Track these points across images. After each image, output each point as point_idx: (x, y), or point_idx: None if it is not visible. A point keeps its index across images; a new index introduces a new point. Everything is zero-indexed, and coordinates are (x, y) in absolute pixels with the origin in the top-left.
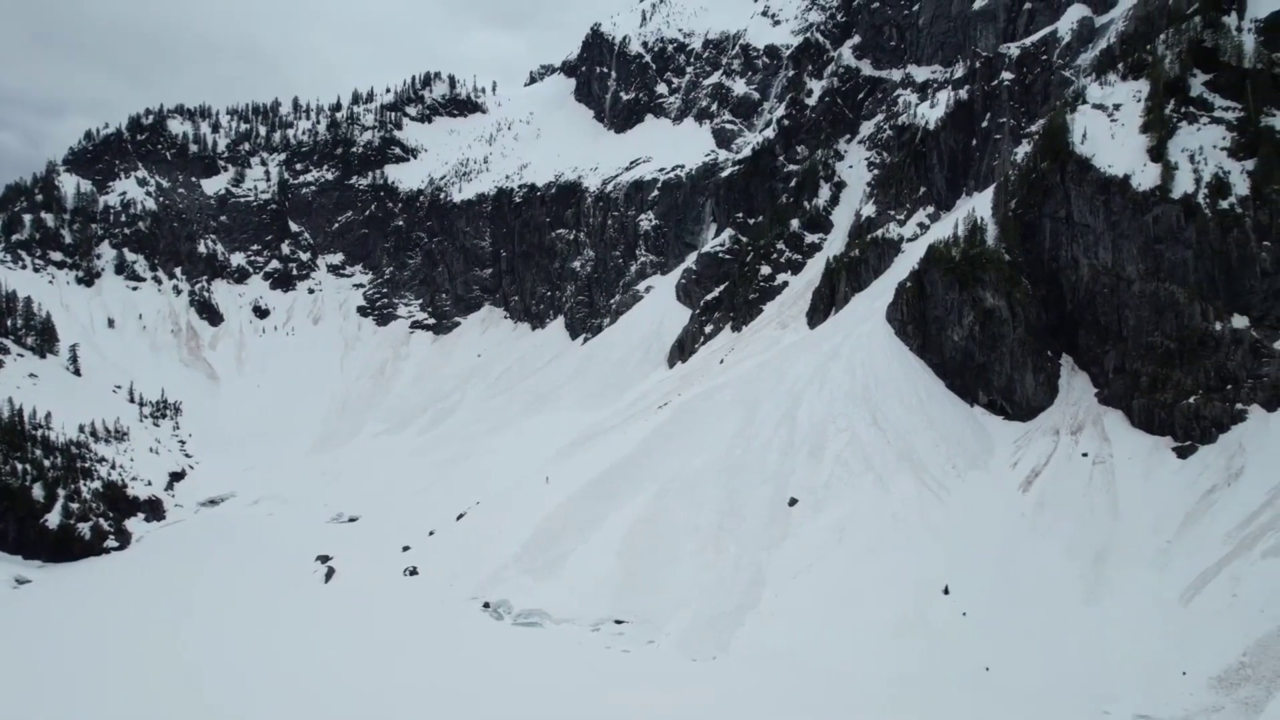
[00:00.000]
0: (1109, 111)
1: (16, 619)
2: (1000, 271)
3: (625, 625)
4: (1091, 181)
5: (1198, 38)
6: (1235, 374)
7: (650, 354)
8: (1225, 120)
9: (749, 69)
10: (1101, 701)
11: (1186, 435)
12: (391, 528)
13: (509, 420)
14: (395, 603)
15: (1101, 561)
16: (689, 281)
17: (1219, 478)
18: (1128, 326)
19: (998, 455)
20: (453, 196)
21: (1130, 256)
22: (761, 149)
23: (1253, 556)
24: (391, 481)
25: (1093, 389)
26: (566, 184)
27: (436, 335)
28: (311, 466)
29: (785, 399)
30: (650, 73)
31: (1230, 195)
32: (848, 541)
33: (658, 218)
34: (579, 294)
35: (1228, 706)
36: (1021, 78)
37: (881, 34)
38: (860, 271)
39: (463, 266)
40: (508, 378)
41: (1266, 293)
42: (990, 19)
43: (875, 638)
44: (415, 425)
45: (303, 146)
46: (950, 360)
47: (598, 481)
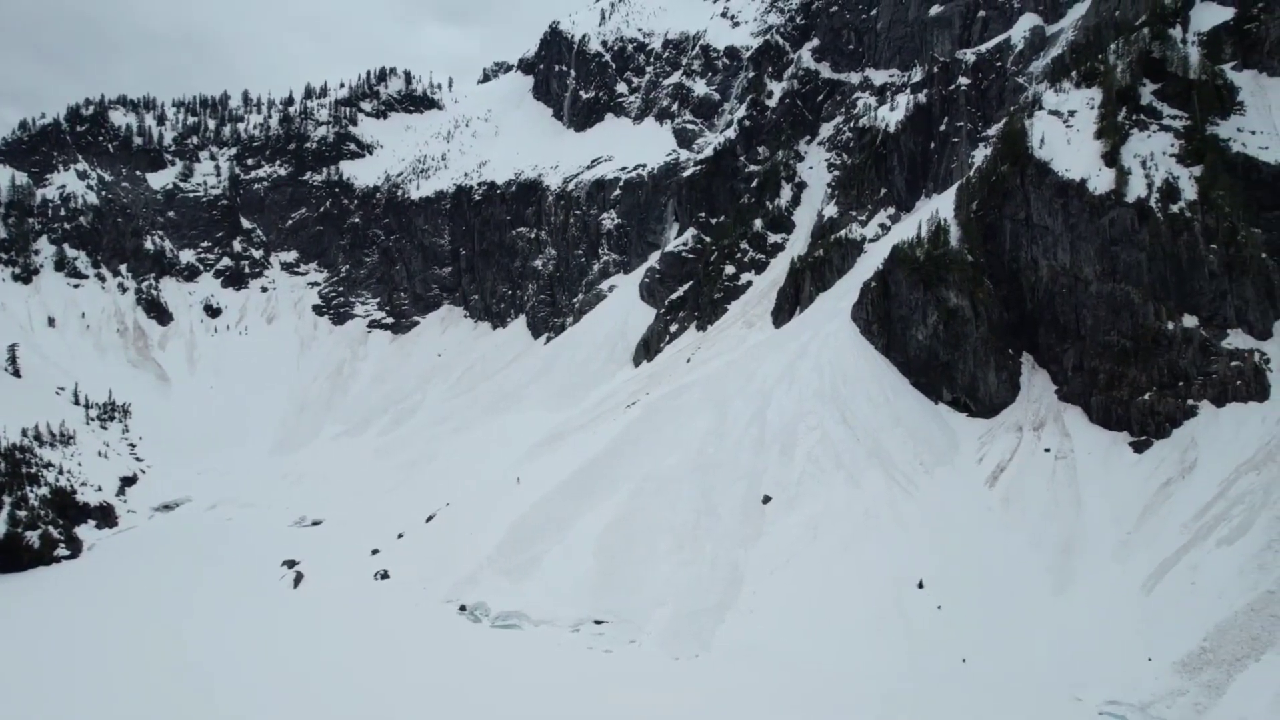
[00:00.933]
0: (1064, 118)
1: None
2: (963, 272)
3: (605, 625)
4: (1050, 185)
5: (1146, 49)
6: (1186, 371)
7: (615, 353)
8: (1173, 128)
9: (709, 70)
10: (1073, 689)
11: (1142, 430)
12: (358, 531)
13: (473, 420)
14: (369, 607)
15: (1067, 553)
16: (653, 281)
17: (1174, 471)
18: (1085, 325)
19: (963, 452)
20: (410, 194)
21: (1087, 258)
22: (723, 149)
23: (1208, 545)
24: (355, 484)
25: (1053, 386)
26: (527, 182)
27: (395, 334)
28: (270, 469)
29: (755, 397)
30: (610, 72)
31: (1180, 200)
32: (822, 538)
33: (620, 217)
34: (541, 293)
35: (1191, 690)
36: (977, 83)
37: (840, 37)
38: (824, 271)
39: (421, 265)
40: (469, 377)
41: (1214, 294)
42: (946, 25)
43: (855, 632)
44: (376, 426)
45: (254, 141)
46: (915, 359)
47: (570, 481)
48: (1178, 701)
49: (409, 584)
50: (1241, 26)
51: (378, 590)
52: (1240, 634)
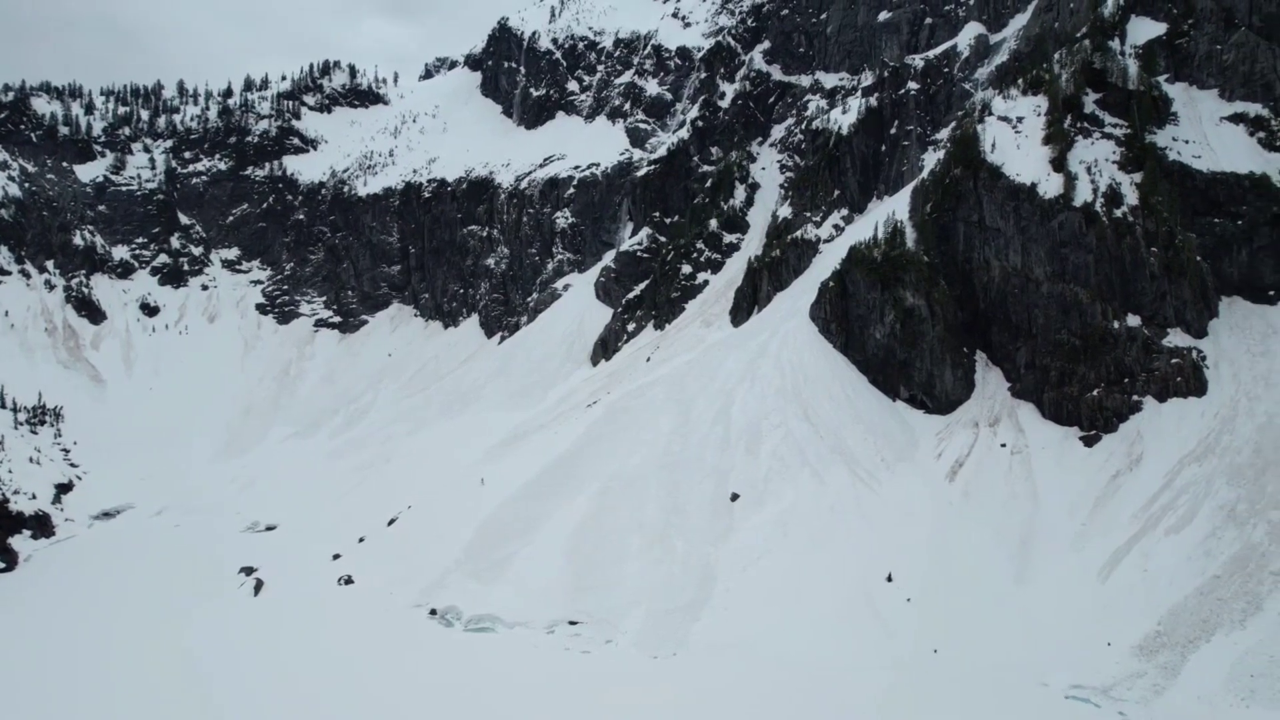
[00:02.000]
0: (1013, 124)
1: None
2: (920, 272)
3: (580, 626)
4: (1002, 189)
5: (1088, 60)
6: (1131, 368)
7: (573, 352)
8: (1114, 136)
9: (661, 69)
10: (1040, 675)
11: (1091, 425)
12: (316, 535)
13: (428, 421)
14: (336, 614)
15: (1026, 544)
16: (608, 280)
17: (1122, 464)
18: (1037, 325)
19: (922, 448)
20: (357, 190)
21: (1038, 259)
22: (676, 149)
23: (1158, 534)
24: (308, 487)
25: (1006, 383)
26: (478, 180)
27: (343, 334)
28: (218, 473)
29: (718, 396)
30: (561, 70)
31: (1122, 205)
32: (792, 534)
33: (574, 216)
34: (494, 292)
35: (1149, 671)
36: (926, 88)
37: (791, 40)
38: (781, 271)
39: (369, 263)
40: (422, 377)
41: (1155, 294)
42: (894, 31)
43: (829, 626)
44: (327, 428)
45: (191, 134)
46: (873, 357)
47: (536, 481)
48: (1137, 683)
49: (375, 589)
50: (1173, 41)
51: (343, 596)
52: (1191, 617)
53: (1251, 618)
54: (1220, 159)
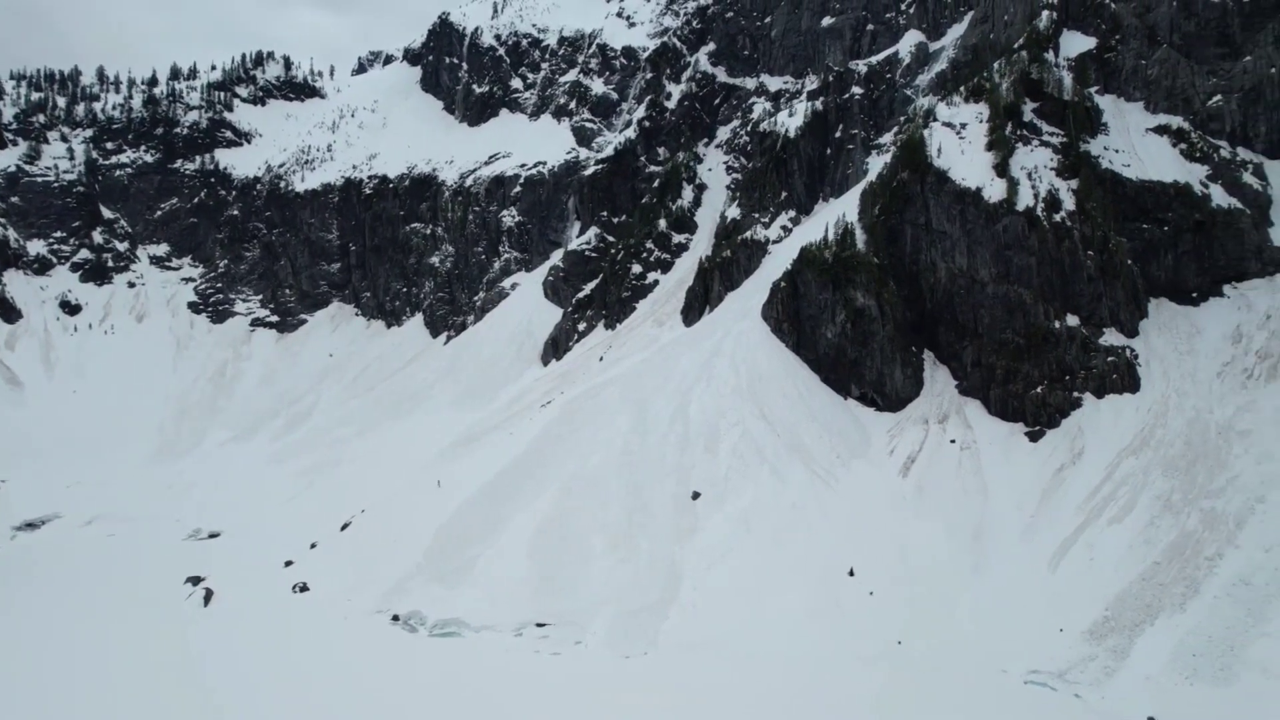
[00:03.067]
0: (957, 130)
1: None
2: (870, 273)
3: (548, 628)
4: (948, 193)
5: (1026, 70)
6: (1071, 366)
7: (523, 352)
8: (1051, 144)
9: (607, 69)
10: (999, 662)
11: (1036, 421)
12: (264, 542)
13: (376, 422)
14: (293, 622)
15: (979, 537)
16: (557, 279)
17: (1065, 458)
18: (983, 324)
19: (875, 444)
20: (295, 186)
21: (984, 261)
22: (623, 149)
23: (1101, 524)
24: (252, 492)
25: (953, 381)
26: (421, 176)
27: (281, 334)
28: (153, 479)
29: (675, 395)
30: (504, 67)
31: (1061, 210)
32: (754, 531)
33: (521, 214)
34: (439, 291)
35: (1100, 655)
36: (869, 93)
37: (735, 43)
38: (732, 271)
39: (308, 260)
40: (367, 378)
41: (1092, 295)
42: (838, 36)
43: (795, 622)
44: (268, 430)
45: (114, 123)
46: (824, 356)
47: (495, 483)
48: (1089, 666)
49: (332, 595)
50: (1102, 55)
51: (299, 604)
52: (1136, 602)
53: (1190, 601)
54: (1147, 168)
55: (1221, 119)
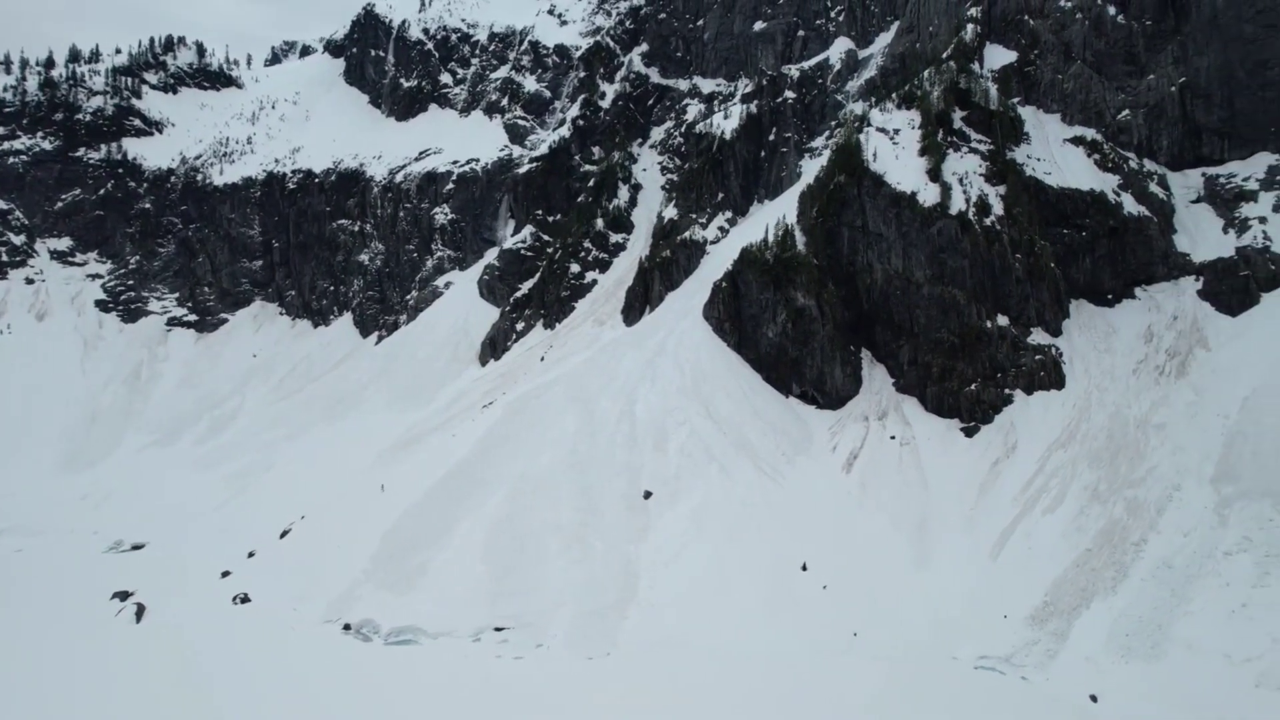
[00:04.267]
0: (890, 135)
1: None
2: (810, 274)
3: (507, 631)
4: (884, 196)
5: (954, 80)
6: (1002, 364)
7: (460, 352)
8: (980, 151)
9: (539, 66)
10: (949, 649)
11: (971, 417)
12: (194, 552)
13: (309, 425)
14: (237, 636)
15: (923, 530)
16: (492, 278)
17: (1000, 452)
18: (919, 324)
19: (817, 441)
20: (213, 179)
21: (919, 263)
22: (558, 147)
23: (1036, 515)
24: (177, 500)
25: (891, 379)
26: (348, 172)
27: (200, 333)
28: (62, 489)
29: (621, 395)
30: (433, 61)
31: (990, 215)
32: (706, 529)
33: (453, 212)
34: (369, 289)
35: (1042, 639)
36: (802, 98)
37: (668, 44)
38: (672, 271)
39: (228, 257)
40: (295, 379)
41: (1020, 296)
42: (769, 41)
43: (753, 617)
44: (190, 435)
45: (6, 106)
46: (765, 355)
47: (441, 485)
48: (1033, 650)
49: (276, 606)
50: (1023, 68)
51: (241, 616)
52: (1072, 587)
53: (1120, 584)
54: (1066, 176)
55: (1130, 132)
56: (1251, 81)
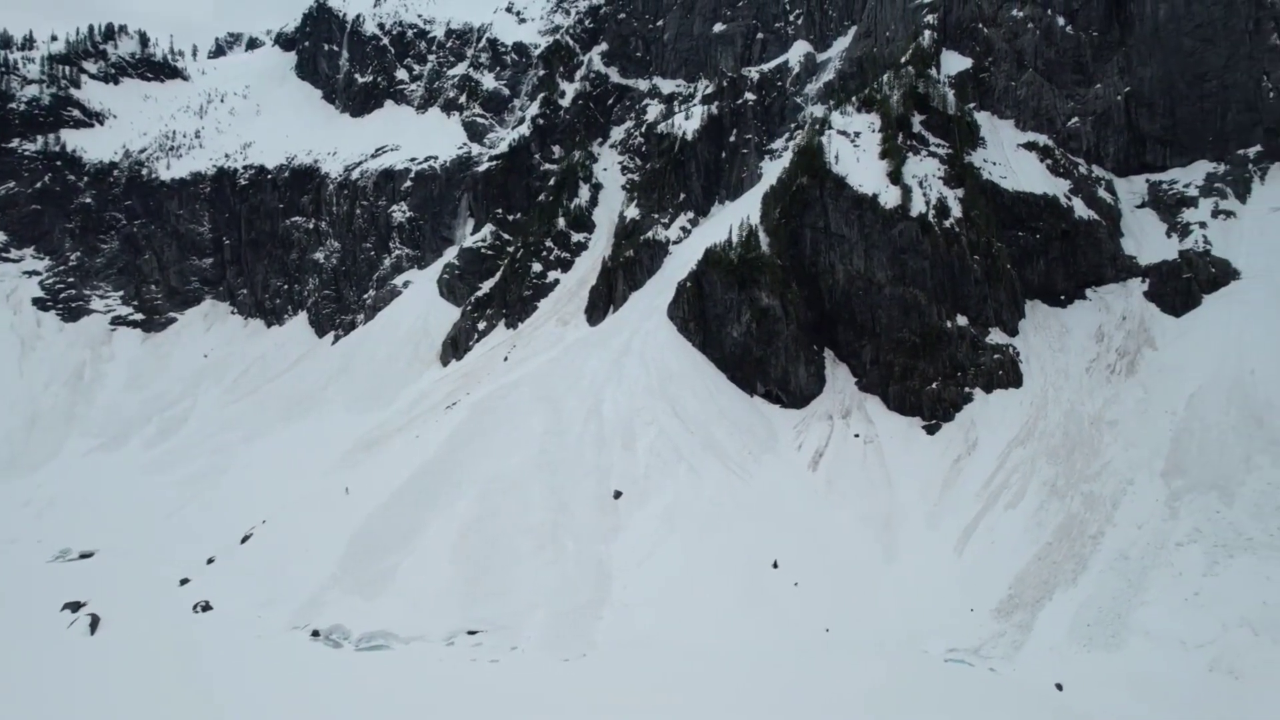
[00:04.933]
0: (851, 138)
1: None
2: (774, 274)
3: (481, 634)
4: (847, 198)
5: (913, 85)
6: (962, 363)
7: (420, 352)
8: (938, 155)
9: (498, 64)
10: (919, 643)
11: (932, 415)
12: (149, 560)
13: (264, 428)
14: (200, 645)
15: (889, 526)
16: (453, 277)
17: (961, 449)
18: (881, 324)
19: (783, 440)
20: (159, 173)
21: (880, 264)
22: (518, 146)
23: (998, 510)
24: (127, 506)
25: (853, 378)
26: (302, 168)
27: (147, 333)
28: (3, 495)
29: (587, 395)
30: (389, 57)
31: (949, 217)
32: (678, 528)
33: (412, 209)
34: (324, 288)
35: (1008, 631)
36: (761, 99)
37: (628, 44)
38: (635, 271)
39: (177, 255)
40: (249, 380)
41: (978, 297)
42: (729, 43)
43: (726, 614)
44: (139, 438)
45: None
46: (730, 355)
47: (408, 487)
48: (1000, 642)
49: (240, 613)
50: (978, 75)
51: (204, 624)
52: (1034, 580)
53: (1080, 576)
54: (1021, 180)
55: (1079, 139)
56: (1191, 92)
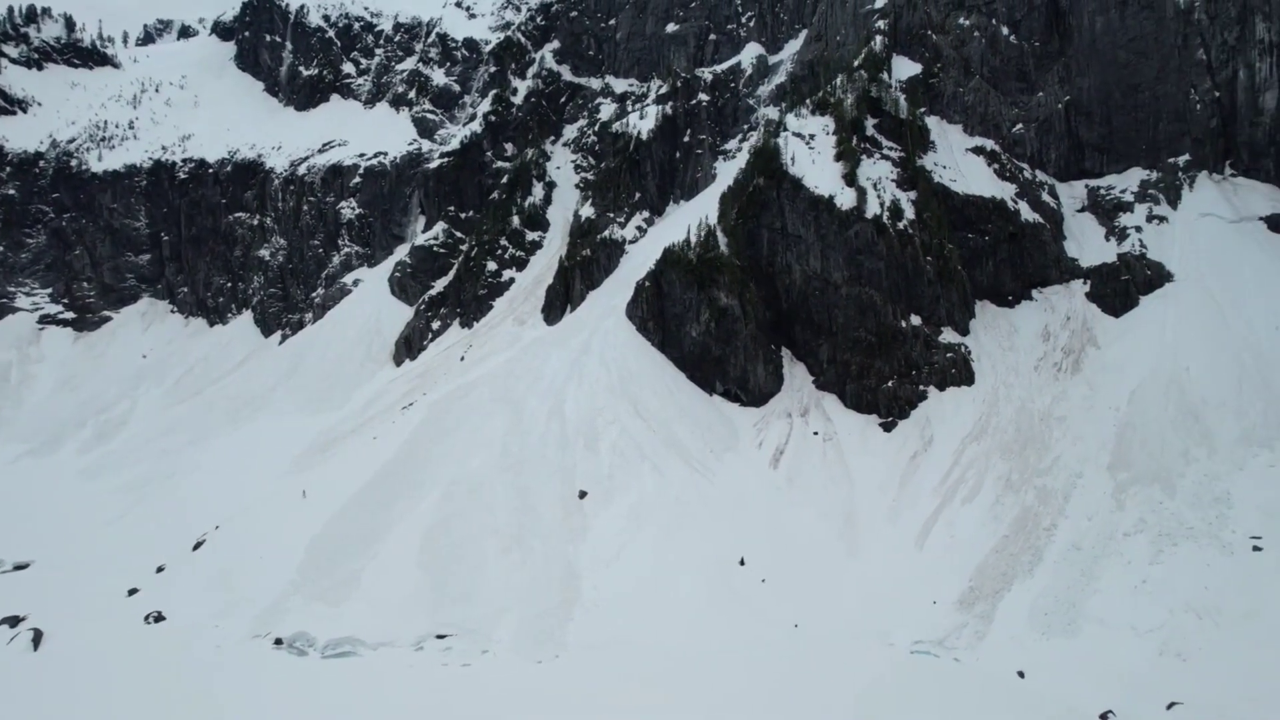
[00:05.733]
0: (806, 140)
1: None
2: (733, 274)
3: (450, 639)
4: (803, 199)
5: (866, 89)
6: (916, 362)
7: (373, 352)
8: (891, 157)
9: (448, 59)
10: (885, 635)
11: (889, 412)
12: (91, 570)
13: (210, 430)
14: (158, 658)
15: (850, 521)
16: (404, 275)
17: (918, 445)
18: (837, 324)
19: (743, 438)
20: (90, 165)
21: (837, 265)
22: (470, 143)
23: (956, 504)
24: (63, 513)
25: (810, 377)
26: (245, 162)
27: (80, 332)
28: None
29: (549, 395)
30: (335, 49)
31: (903, 219)
32: (645, 527)
33: (361, 206)
34: (270, 286)
35: (970, 621)
36: (715, 100)
37: (580, 42)
38: (593, 270)
39: (111, 250)
40: (192, 381)
41: (931, 297)
42: (682, 43)
43: (697, 613)
44: (73, 443)
45: None
46: (689, 354)
47: (367, 491)
48: (963, 632)
49: (196, 623)
50: (927, 80)
51: (158, 636)
52: (993, 571)
53: (1036, 567)
54: (970, 183)
55: (1023, 144)
56: (1126, 102)
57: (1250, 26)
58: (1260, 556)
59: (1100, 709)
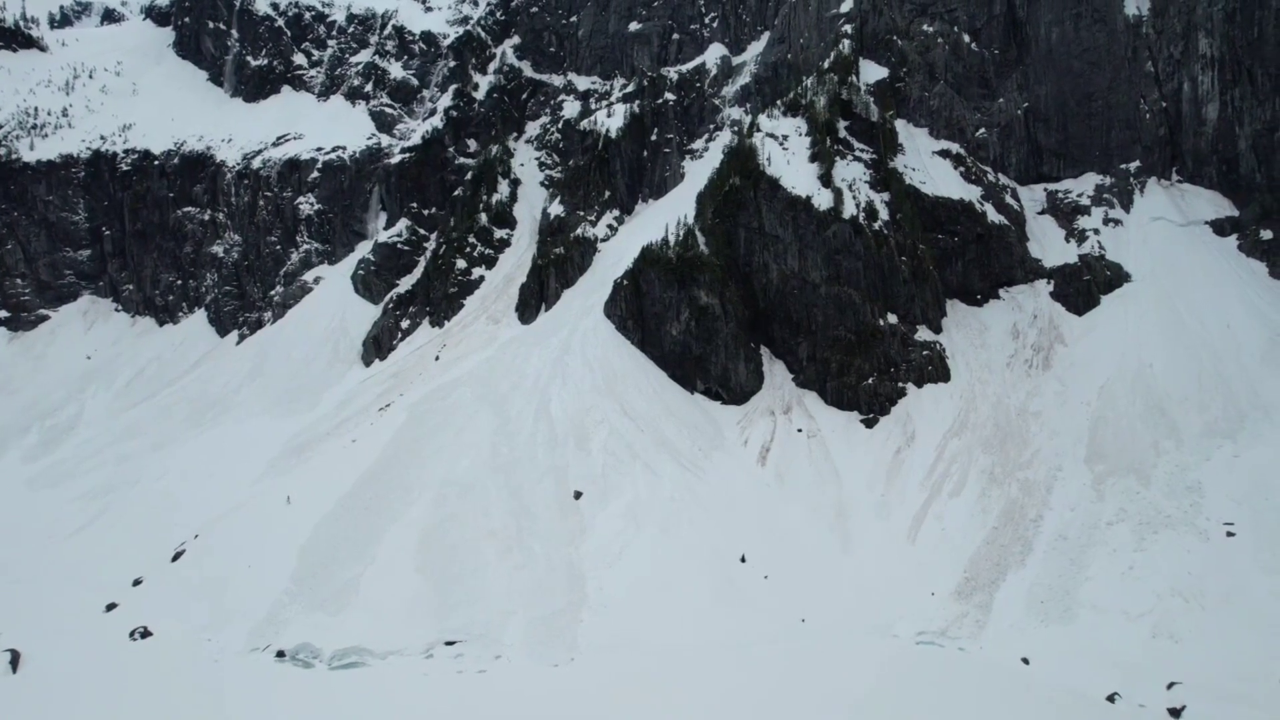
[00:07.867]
0: (780, 141)
1: None
2: (713, 273)
3: (460, 645)
4: (781, 200)
5: (837, 91)
6: (895, 359)
7: (341, 352)
8: (864, 159)
9: (405, 53)
10: (888, 628)
11: (870, 409)
12: (58, 585)
13: (173, 434)
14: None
15: (841, 517)
16: (368, 273)
17: (901, 441)
18: (817, 322)
19: (728, 436)
20: (21, 154)
21: (815, 264)
22: (432, 138)
23: (944, 498)
24: (16, 524)
25: (790, 375)
26: (193, 154)
27: (15, 332)
28: None
29: (533, 394)
30: (285, 39)
31: (878, 219)
32: (643, 527)
33: (320, 202)
34: (224, 284)
35: (970, 611)
36: (681, 100)
37: (541, 39)
38: (567, 269)
39: (47, 245)
40: (144, 384)
41: (907, 296)
42: (645, 42)
43: (703, 610)
44: (18, 449)
45: None
46: (670, 353)
47: (355, 494)
48: (964, 622)
49: (186, 638)
50: (894, 84)
51: (145, 652)
52: (987, 563)
53: (1028, 556)
54: (939, 186)
55: (987, 148)
56: (1080, 110)
57: (1194, 41)
58: (1234, 542)
59: (1105, 692)
